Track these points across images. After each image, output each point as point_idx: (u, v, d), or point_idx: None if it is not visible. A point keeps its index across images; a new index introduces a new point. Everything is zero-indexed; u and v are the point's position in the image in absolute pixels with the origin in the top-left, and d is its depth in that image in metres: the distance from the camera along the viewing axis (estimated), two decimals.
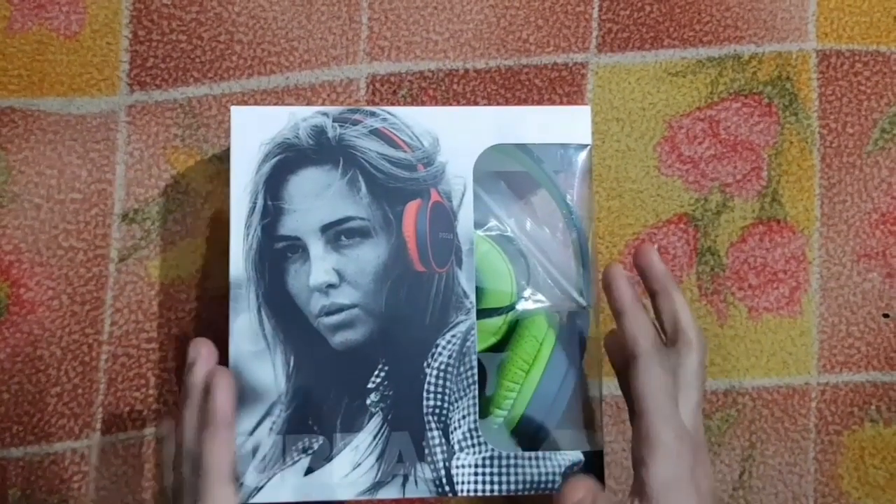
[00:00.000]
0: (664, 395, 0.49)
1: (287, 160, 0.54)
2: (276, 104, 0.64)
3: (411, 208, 0.54)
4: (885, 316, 0.65)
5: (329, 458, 0.52)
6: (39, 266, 0.62)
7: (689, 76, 0.66)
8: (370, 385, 0.52)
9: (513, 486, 0.52)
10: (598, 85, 0.66)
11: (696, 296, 0.64)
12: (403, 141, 0.54)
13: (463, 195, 0.54)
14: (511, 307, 0.56)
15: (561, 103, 0.65)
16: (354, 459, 0.52)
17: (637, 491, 0.48)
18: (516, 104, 0.65)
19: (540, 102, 0.65)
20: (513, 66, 0.65)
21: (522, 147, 0.56)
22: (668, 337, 0.52)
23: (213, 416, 0.48)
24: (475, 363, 0.53)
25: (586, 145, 0.56)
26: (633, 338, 0.50)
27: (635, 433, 0.49)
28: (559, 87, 0.65)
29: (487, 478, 0.52)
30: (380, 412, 0.52)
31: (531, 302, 0.56)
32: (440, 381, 0.52)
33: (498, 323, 0.55)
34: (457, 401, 0.53)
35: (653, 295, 0.54)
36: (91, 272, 0.62)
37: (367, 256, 0.53)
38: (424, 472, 0.52)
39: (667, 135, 0.66)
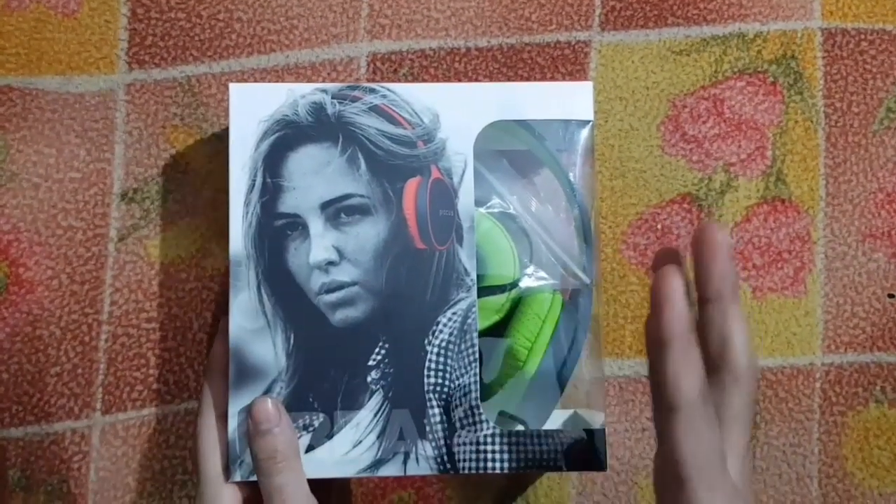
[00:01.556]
0: (711, 457, 0.40)
1: (286, 137, 0.53)
2: (275, 83, 0.63)
3: (411, 185, 0.53)
4: (891, 296, 0.64)
5: (330, 436, 0.52)
6: (38, 245, 0.62)
7: (693, 55, 0.65)
8: (371, 362, 0.52)
9: (514, 464, 0.52)
10: (601, 63, 0.65)
11: None
12: (403, 118, 0.54)
13: (463, 172, 0.54)
14: (514, 285, 0.55)
15: (563, 81, 0.65)
16: (355, 437, 0.52)
17: None
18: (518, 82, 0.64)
19: (542, 81, 0.64)
20: (515, 45, 0.65)
21: (524, 124, 0.56)
22: (710, 361, 0.42)
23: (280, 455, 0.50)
24: (476, 341, 0.52)
25: (588, 121, 0.56)
26: (676, 383, 0.40)
27: (674, 500, 0.41)
28: (562, 65, 0.65)
29: (489, 455, 0.52)
30: (380, 390, 0.52)
31: (534, 279, 0.56)
32: (441, 359, 0.52)
33: (501, 300, 0.55)
34: (458, 378, 0.52)
35: (703, 300, 0.43)
36: (90, 252, 0.62)
37: (367, 234, 0.53)
38: (425, 449, 0.52)
39: (670, 114, 0.65)
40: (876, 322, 0.64)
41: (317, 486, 0.51)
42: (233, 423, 0.51)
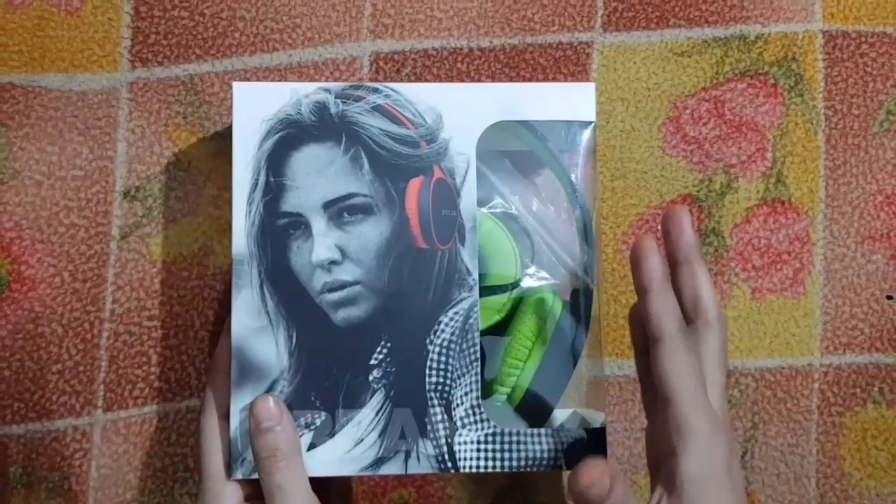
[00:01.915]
0: (694, 380, 0.46)
1: (289, 136, 0.53)
2: (278, 81, 0.64)
3: (414, 185, 0.53)
4: (889, 298, 0.65)
5: (332, 434, 0.52)
6: (40, 243, 0.62)
7: (695, 56, 0.66)
8: (373, 361, 0.52)
9: (515, 463, 0.52)
10: (602, 64, 0.65)
11: None
12: (406, 117, 0.54)
13: (466, 172, 0.54)
14: (515, 284, 0.56)
15: (565, 82, 0.65)
16: (357, 435, 0.52)
17: (667, 484, 0.45)
18: (521, 83, 0.65)
19: (544, 81, 0.65)
20: (517, 45, 0.65)
21: (526, 124, 0.56)
22: (686, 315, 0.49)
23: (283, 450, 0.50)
24: (478, 340, 0.53)
25: (590, 122, 0.56)
26: (658, 319, 0.47)
27: (662, 422, 0.46)
28: (564, 66, 0.65)
29: (490, 454, 0.52)
30: (382, 388, 0.52)
31: (535, 279, 0.56)
32: (443, 358, 0.52)
33: (502, 300, 0.55)
34: (459, 378, 0.52)
35: (674, 264, 0.50)
36: (92, 249, 0.62)
37: (370, 233, 0.53)
38: (427, 448, 0.52)
39: (671, 115, 0.65)
40: (874, 323, 0.65)
41: (317, 484, 0.51)
42: (235, 420, 0.52)
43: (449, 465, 0.52)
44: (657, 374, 0.46)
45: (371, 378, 0.52)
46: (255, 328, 0.52)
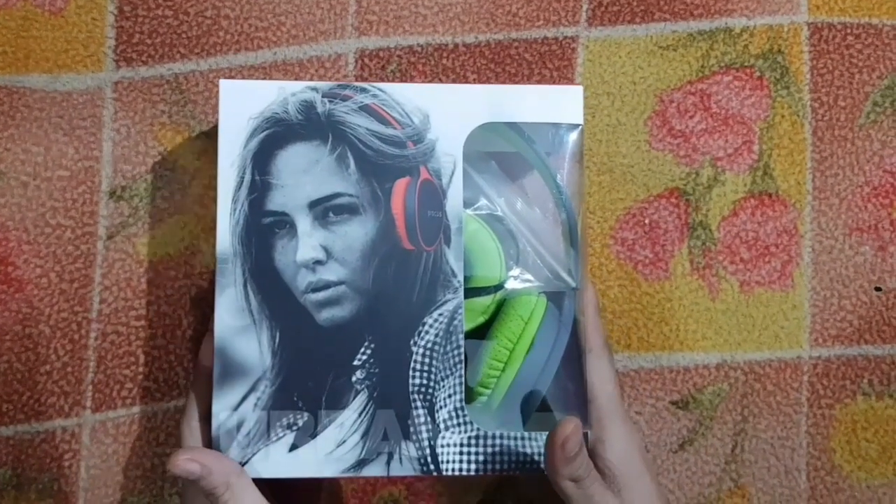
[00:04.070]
0: (612, 385, 0.54)
1: (275, 135, 0.53)
2: (264, 79, 0.63)
3: (400, 186, 0.53)
4: (878, 289, 0.65)
5: (314, 435, 0.52)
6: (27, 244, 0.62)
7: (680, 50, 0.65)
8: (356, 362, 0.52)
9: (497, 466, 0.52)
10: (588, 59, 0.65)
11: (687, 270, 0.64)
12: (393, 118, 0.54)
13: (452, 173, 0.54)
14: (500, 286, 0.55)
15: (551, 78, 0.65)
16: (339, 437, 0.52)
17: (598, 466, 0.52)
18: (506, 79, 0.64)
19: (530, 77, 0.65)
20: (502, 41, 0.65)
21: (514, 126, 0.56)
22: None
23: None
24: (462, 342, 0.53)
25: (578, 125, 0.56)
26: (590, 338, 0.55)
27: (590, 418, 0.53)
28: (549, 61, 0.65)
29: (472, 457, 0.52)
30: (365, 390, 0.52)
31: (519, 281, 0.56)
32: (426, 360, 0.52)
33: (486, 302, 0.55)
34: (443, 380, 0.52)
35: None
36: (79, 250, 0.62)
37: (355, 233, 0.53)
38: (409, 450, 0.52)
39: (657, 109, 0.65)
40: (863, 315, 0.65)
41: (300, 484, 0.51)
42: (217, 420, 0.51)
43: (431, 467, 0.52)
44: (587, 379, 0.54)
45: (354, 379, 0.52)
46: (238, 327, 0.52)
